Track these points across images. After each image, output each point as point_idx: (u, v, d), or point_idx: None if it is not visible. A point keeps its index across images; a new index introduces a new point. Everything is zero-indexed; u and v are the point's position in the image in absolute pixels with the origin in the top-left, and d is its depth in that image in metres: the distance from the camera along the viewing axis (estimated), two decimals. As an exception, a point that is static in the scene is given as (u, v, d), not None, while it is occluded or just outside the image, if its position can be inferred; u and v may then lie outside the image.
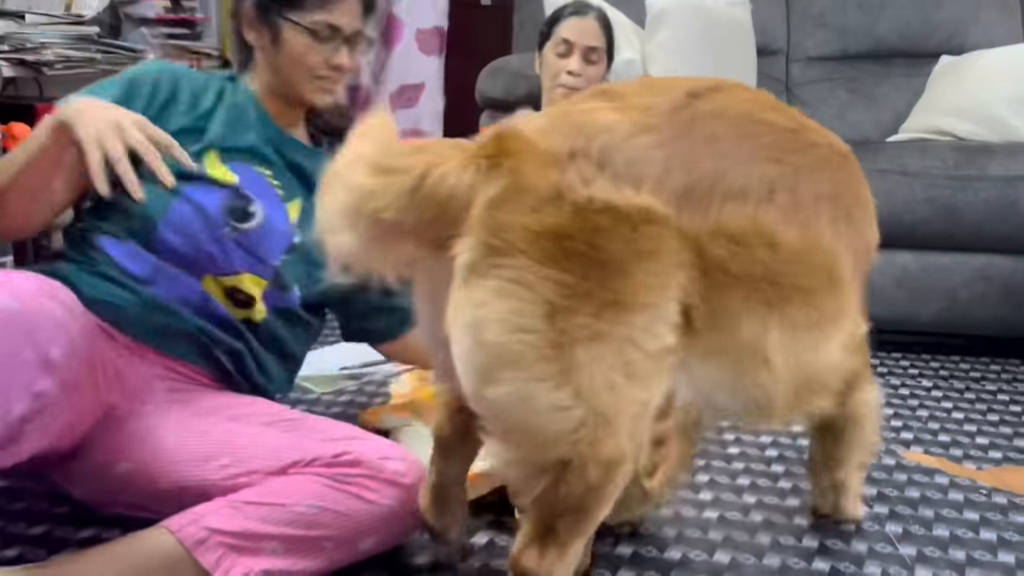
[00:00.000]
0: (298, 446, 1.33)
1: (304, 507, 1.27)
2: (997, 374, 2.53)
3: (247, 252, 1.49)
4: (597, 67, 2.12)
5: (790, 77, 3.24)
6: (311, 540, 1.26)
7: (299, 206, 1.59)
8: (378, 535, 1.31)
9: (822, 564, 1.48)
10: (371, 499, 1.30)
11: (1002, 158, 2.52)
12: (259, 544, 1.24)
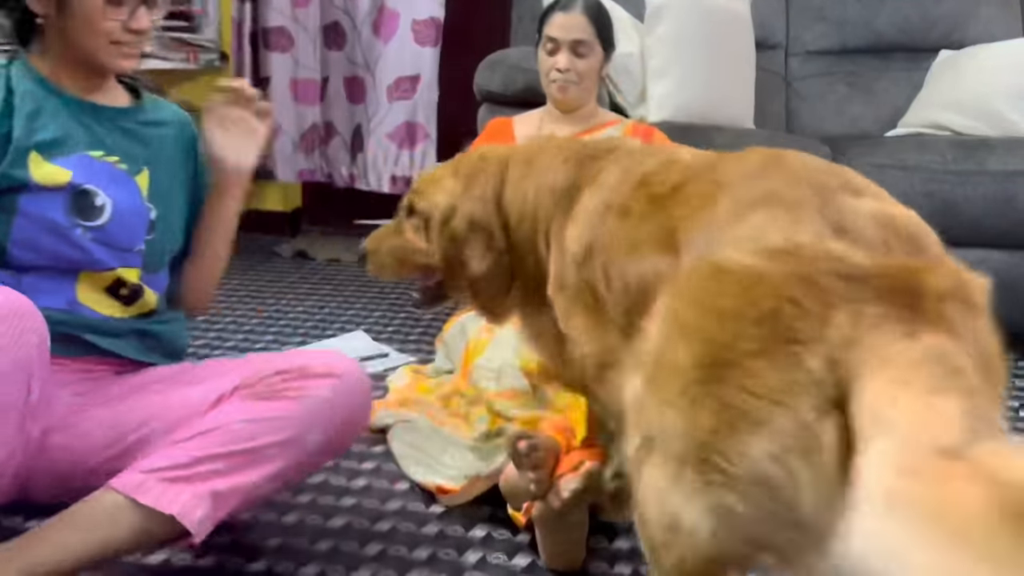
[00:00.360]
0: (217, 386, 1.34)
1: (237, 424, 1.27)
2: (994, 369, 2.52)
3: (109, 247, 1.40)
4: (588, 60, 2.09)
5: (789, 71, 3.22)
6: (252, 451, 1.27)
7: (147, 175, 1.48)
8: (321, 429, 1.30)
9: (820, 558, 1.48)
10: (301, 395, 1.30)
11: (1001, 153, 2.52)
12: (198, 469, 1.25)
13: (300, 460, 1.31)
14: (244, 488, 1.27)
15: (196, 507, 1.23)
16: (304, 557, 1.41)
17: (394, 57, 3.38)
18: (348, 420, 1.35)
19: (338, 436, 1.34)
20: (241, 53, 3.60)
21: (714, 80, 2.79)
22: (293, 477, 1.35)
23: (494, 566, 1.41)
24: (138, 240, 1.44)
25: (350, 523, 1.52)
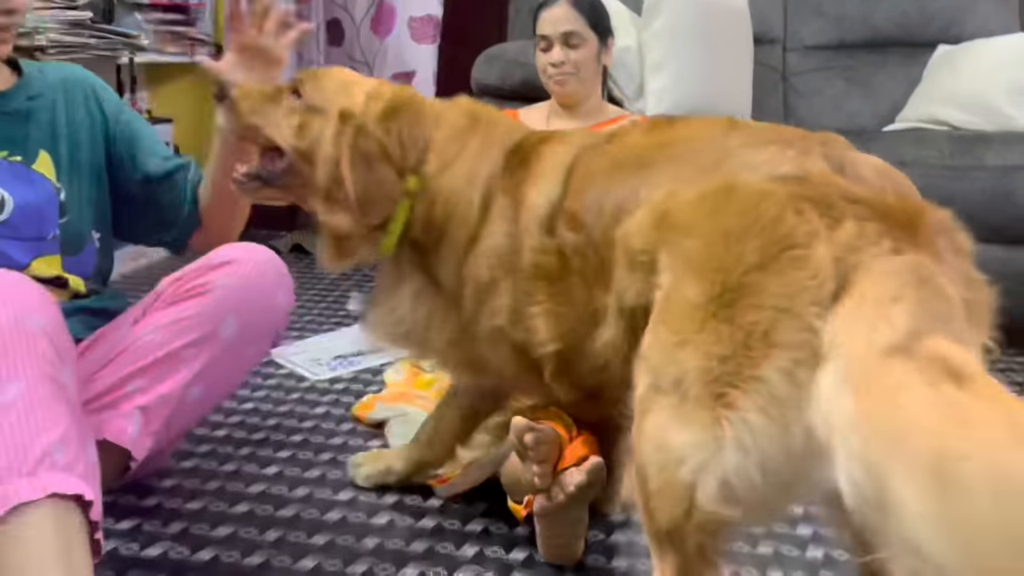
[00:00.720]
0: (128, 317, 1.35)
1: (145, 338, 1.27)
2: (991, 363, 2.52)
3: (20, 240, 1.35)
4: (581, 50, 2.08)
5: (787, 66, 3.22)
6: (167, 357, 1.26)
7: (47, 158, 1.43)
8: (233, 316, 1.29)
9: (816, 552, 1.48)
10: (201, 290, 1.29)
11: (998, 147, 2.52)
12: (119, 393, 1.25)
13: (221, 354, 1.30)
14: (171, 395, 1.27)
15: (125, 427, 1.23)
16: (301, 551, 1.41)
17: (392, 53, 3.40)
18: (261, 302, 1.33)
19: (255, 320, 1.33)
20: None
21: (712, 75, 2.79)
22: (220, 373, 1.32)
23: (491, 560, 1.41)
24: (51, 227, 1.40)
25: (345, 517, 1.52)
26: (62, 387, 1.06)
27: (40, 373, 1.03)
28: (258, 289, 1.33)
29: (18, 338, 1.03)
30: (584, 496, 1.32)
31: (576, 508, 1.35)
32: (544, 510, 1.34)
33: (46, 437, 1.01)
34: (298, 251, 3.48)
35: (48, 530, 0.98)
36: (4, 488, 0.97)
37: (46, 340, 1.04)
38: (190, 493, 1.57)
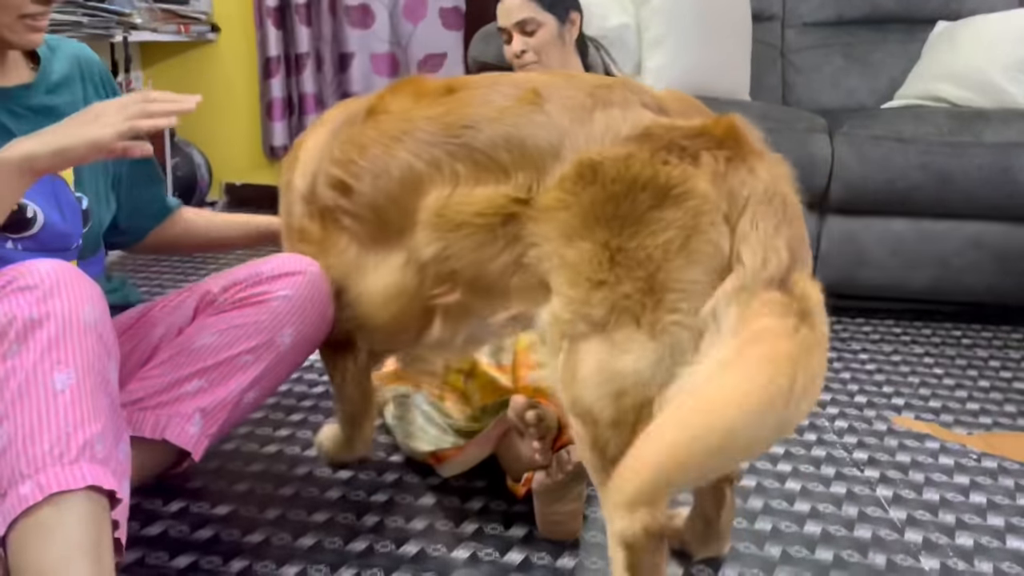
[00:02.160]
0: (177, 319, 1.36)
1: (207, 339, 1.29)
2: (988, 341, 2.54)
3: (44, 252, 1.33)
4: (539, 34, 2.06)
5: (785, 43, 3.20)
6: (227, 361, 1.29)
7: None
8: (288, 325, 1.32)
9: (813, 527, 1.49)
10: (260, 299, 1.32)
11: (997, 125, 2.51)
12: (178, 392, 1.26)
13: (276, 361, 1.33)
14: (228, 399, 1.29)
15: (186, 425, 1.24)
16: (301, 528, 1.42)
17: (424, 37, 3.80)
18: (315, 314, 1.36)
19: (309, 331, 1.36)
20: (264, 28, 3.62)
21: (710, 52, 2.78)
22: (273, 379, 1.36)
23: (491, 536, 1.42)
24: (75, 239, 1.38)
25: (345, 496, 1.53)
26: (107, 381, 1.06)
27: (89, 365, 1.03)
28: (314, 303, 1.36)
29: (72, 329, 1.03)
30: (582, 473, 1.33)
31: (574, 485, 1.36)
32: (542, 487, 1.35)
33: (89, 429, 1.01)
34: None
35: (83, 522, 0.97)
36: (44, 474, 0.97)
37: (96, 334, 1.05)
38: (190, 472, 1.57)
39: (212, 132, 3.77)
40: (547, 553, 1.38)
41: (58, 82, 1.39)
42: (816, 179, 2.52)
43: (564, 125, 1.13)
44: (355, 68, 3.76)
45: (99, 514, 1.00)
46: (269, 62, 3.62)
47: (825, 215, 2.60)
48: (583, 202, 1.08)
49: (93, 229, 1.42)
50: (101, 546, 0.99)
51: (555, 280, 1.11)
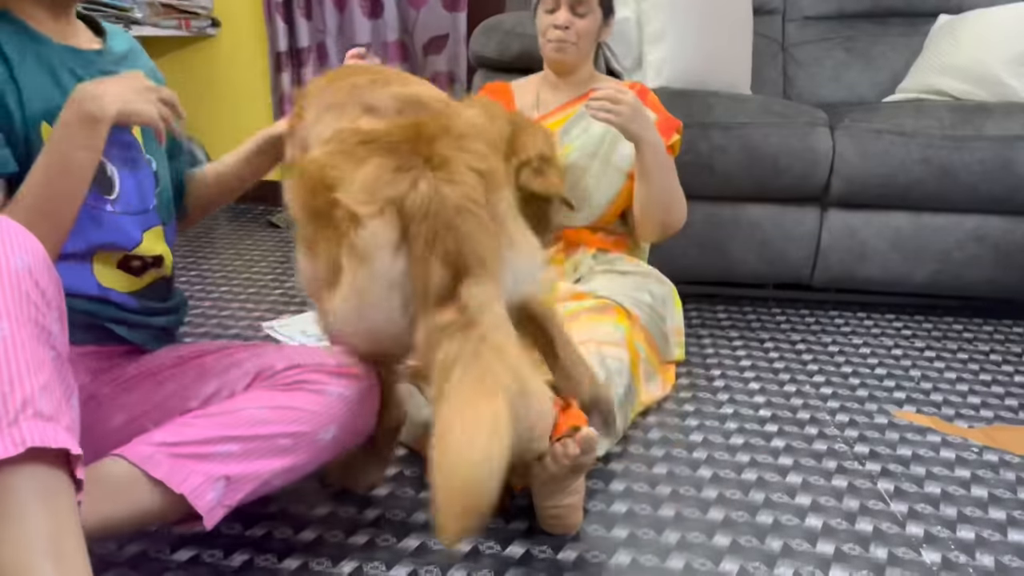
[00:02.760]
0: (233, 379, 1.32)
1: (253, 409, 1.25)
2: (989, 335, 2.54)
3: (131, 215, 1.34)
4: (587, 20, 2.05)
5: (786, 36, 3.20)
6: (266, 439, 1.23)
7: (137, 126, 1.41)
8: (335, 424, 1.29)
9: (814, 521, 1.49)
10: (318, 389, 1.29)
11: (998, 118, 2.51)
12: (211, 450, 1.20)
13: (312, 455, 1.28)
14: (258, 476, 1.23)
15: (208, 488, 1.18)
16: (302, 522, 1.42)
17: (426, 21, 3.92)
18: (360, 421, 1.33)
19: (349, 436, 1.33)
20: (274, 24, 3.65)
21: (711, 45, 2.77)
22: (302, 471, 1.30)
23: (491, 530, 1.42)
24: (151, 197, 1.39)
25: (346, 489, 1.53)
26: (49, 333, 0.98)
27: (23, 314, 0.94)
28: (362, 409, 1.33)
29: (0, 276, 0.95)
30: (578, 468, 1.33)
31: (572, 478, 1.36)
32: (540, 480, 1.35)
33: (29, 384, 0.91)
34: (296, 226, 3.47)
35: (35, 499, 0.86)
36: None
37: (31, 281, 0.96)
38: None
39: (213, 127, 3.77)
40: (548, 546, 1.38)
41: (121, 57, 1.42)
42: (817, 173, 2.51)
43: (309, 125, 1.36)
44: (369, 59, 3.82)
45: (52, 484, 0.88)
46: (280, 57, 3.63)
47: (826, 209, 2.59)
48: (298, 198, 1.28)
49: (164, 191, 1.43)
50: (61, 530, 0.87)
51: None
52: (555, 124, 2.12)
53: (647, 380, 1.90)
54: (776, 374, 2.17)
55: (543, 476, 1.34)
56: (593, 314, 1.77)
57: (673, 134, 2.10)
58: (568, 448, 1.31)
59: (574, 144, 2.10)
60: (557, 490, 1.37)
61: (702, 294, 2.80)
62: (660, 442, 1.77)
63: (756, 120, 2.50)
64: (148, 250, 1.38)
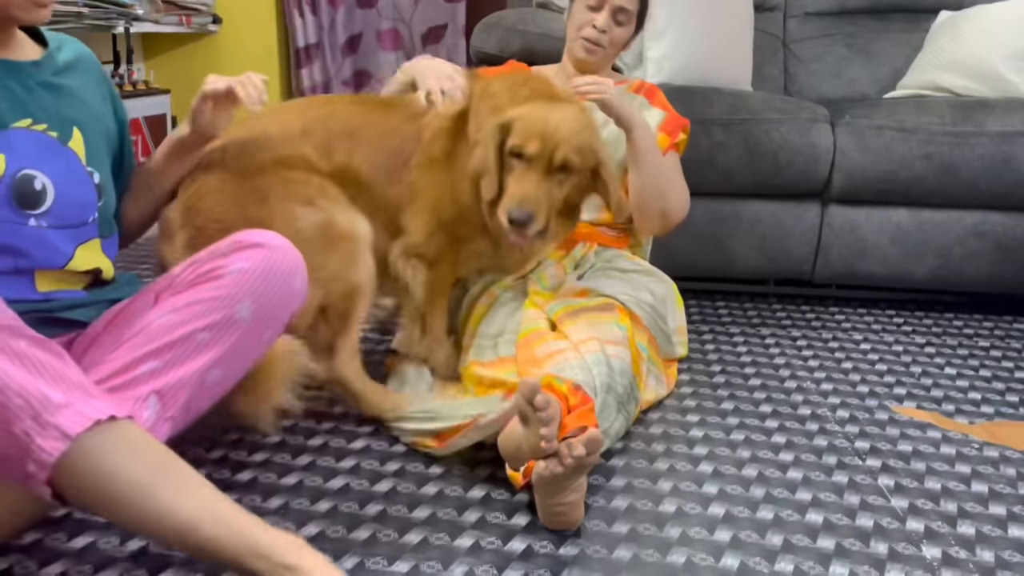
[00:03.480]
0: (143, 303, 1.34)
1: (159, 321, 1.25)
2: (990, 331, 2.54)
3: (65, 228, 1.32)
4: (623, 29, 2.07)
5: (787, 33, 3.20)
6: (182, 341, 1.24)
7: (79, 137, 1.38)
8: (247, 298, 1.28)
9: (815, 516, 1.50)
10: (217, 275, 1.28)
11: (999, 114, 2.51)
12: (133, 374, 1.22)
13: (239, 338, 1.28)
14: (187, 380, 1.24)
15: (141, 409, 1.20)
16: (304, 517, 1.42)
17: (425, 11, 4.05)
18: (277, 286, 1.31)
19: (271, 304, 1.31)
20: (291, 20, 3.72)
21: (712, 42, 2.77)
22: (240, 357, 1.30)
23: (493, 525, 1.42)
24: (91, 210, 1.37)
25: (348, 484, 1.54)
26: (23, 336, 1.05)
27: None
28: (275, 275, 1.31)
29: None
30: (582, 467, 1.33)
31: (575, 477, 1.36)
32: (542, 479, 1.35)
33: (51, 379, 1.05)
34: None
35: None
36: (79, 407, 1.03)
37: None
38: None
39: (214, 124, 3.77)
40: (549, 542, 1.38)
41: (64, 67, 1.41)
42: (818, 169, 2.51)
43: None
44: (362, 46, 3.94)
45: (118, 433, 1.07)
46: (299, 53, 3.67)
47: (827, 205, 2.60)
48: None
49: (107, 205, 1.41)
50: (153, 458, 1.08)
51: None
52: None
53: (650, 379, 1.90)
54: (777, 370, 2.18)
55: (547, 475, 1.34)
56: (596, 312, 1.78)
57: (680, 133, 2.10)
58: (574, 449, 1.31)
59: None
60: (559, 489, 1.37)
61: (703, 290, 2.80)
62: (661, 438, 1.77)
63: (757, 116, 2.50)
64: (81, 265, 1.37)
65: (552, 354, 1.64)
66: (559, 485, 1.36)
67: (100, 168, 1.41)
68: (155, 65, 3.69)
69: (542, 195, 1.68)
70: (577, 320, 1.74)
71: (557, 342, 1.68)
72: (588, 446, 1.31)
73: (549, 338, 1.71)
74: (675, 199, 2.02)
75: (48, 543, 1.31)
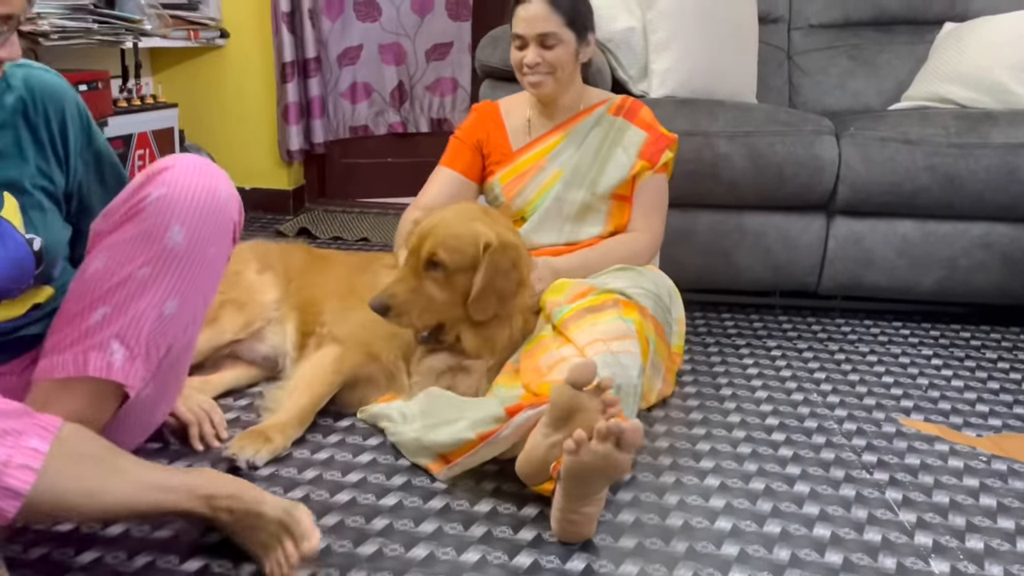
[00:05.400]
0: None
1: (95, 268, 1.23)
2: (997, 342, 2.53)
3: None
4: (556, 50, 2.00)
5: (791, 45, 3.20)
6: (123, 282, 1.22)
7: (13, 202, 1.28)
8: (174, 222, 1.23)
9: (823, 530, 1.49)
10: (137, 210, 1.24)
11: (1004, 126, 2.51)
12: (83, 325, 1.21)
13: (182, 265, 1.24)
14: (143, 317, 1.22)
15: (107, 355, 1.19)
16: (311, 532, 1.42)
17: (431, 28, 4.03)
18: (204, 202, 1.26)
19: (204, 222, 1.26)
20: (279, 35, 3.68)
21: (716, 54, 2.78)
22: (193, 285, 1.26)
23: (499, 540, 1.42)
24: (26, 281, 1.30)
25: (354, 498, 1.54)
26: None
27: None
28: (196, 190, 1.25)
29: None
30: (611, 464, 1.34)
31: (597, 480, 1.36)
32: (569, 473, 1.35)
33: None
34: (305, 234, 3.49)
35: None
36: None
37: None
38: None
39: (222, 137, 3.79)
40: (556, 556, 1.38)
41: (12, 108, 1.30)
42: (823, 181, 2.52)
43: None
44: (363, 58, 3.93)
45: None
46: (285, 67, 3.66)
47: (832, 217, 2.60)
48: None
49: (48, 267, 1.34)
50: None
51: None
52: (546, 150, 2.12)
53: (653, 371, 1.89)
54: (783, 382, 2.17)
55: (576, 466, 1.34)
56: (599, 312, 1.77)
57: (665, 152, 2.10)
58: (613, 427, 1.31)
59: (564, 168, 2.10)
60: (582, 494, 1.36)
61: (708, 302, 2.80)
62: (667, 451, 1.77)
63: (762, 128, 2.50)
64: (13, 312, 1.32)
65: (555, 363, 1.65)
66: (584, 487, 1.36)
67: (43, 229, 1.31)
68: (163, 79, 3.71)
69: (404, 289, 1.77)
70: (581, 322, 1.74)
71: (560, 350, 1.68)
72: (633, 433, 1.32)
73: (552, 347, 1.71)
74: (627, 257, 2.05)
75: (55, 557, 1.31)
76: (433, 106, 4.12)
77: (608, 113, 2.13)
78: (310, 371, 1.83)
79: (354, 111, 4.01)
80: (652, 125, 2.13)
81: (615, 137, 2.10)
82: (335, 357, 1.83)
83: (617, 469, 1.35)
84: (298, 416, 1.74)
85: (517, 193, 2.11)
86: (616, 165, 2.08)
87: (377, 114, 4.05)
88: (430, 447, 1.60)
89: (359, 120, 4.04)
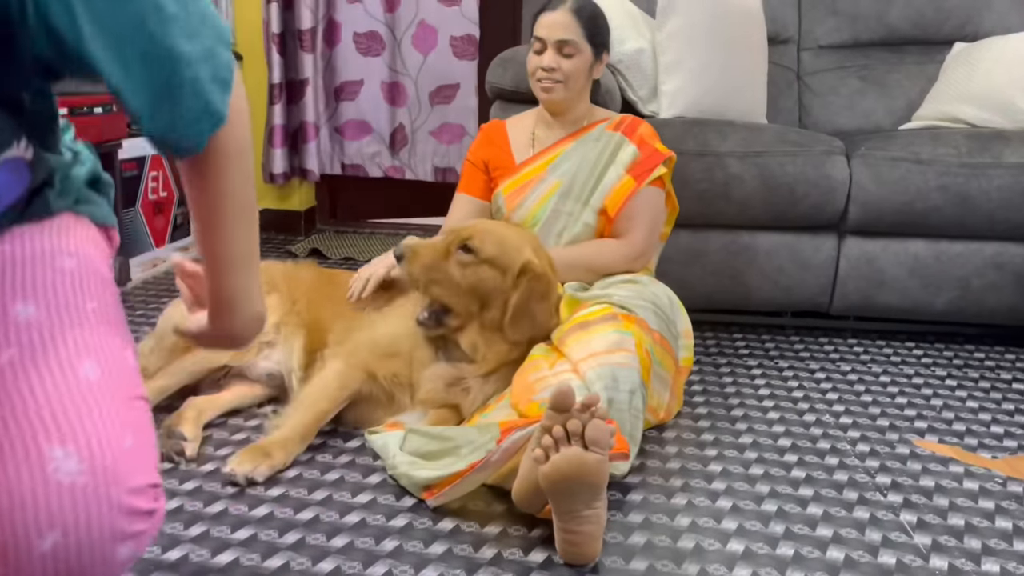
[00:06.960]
0: None
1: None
2: (1011, 363, 2.51)
3: None
4: (574, 60, 2.07)
5: (801, 65, 3.21)
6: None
7: None
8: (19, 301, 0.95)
9: (836, 553, 1.48)
10: None
11: (1016, 145, 2.50)
12: None
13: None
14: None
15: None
16: (320, 553, 1.42)
17: (435, 68, 3.79)
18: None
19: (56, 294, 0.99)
20: (269, 56, 3.68)
21: (726, 75, 2.78)
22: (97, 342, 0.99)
23: (509, 562, 1.41)
24: None
25: (364, 519, 1.53)
26: None
27: None
28: None
29: None
30: (585, 470, 1.34)
31: (581, 490, 1.35)
32: (547, 477, 1.35)
33: None
34: (315, 255, 3.50)
35: None
36: None
37: None
38: (210, 496, 1.58)
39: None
40: (567, 578, 1.37)
41: None
42: (834, 201, 2.51)
43: None
44: (363, 96, 3.81)
45: None
46: (272, 88, 3.66)
47: (843, 237, 2.59)
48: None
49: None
50: None
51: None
52: (547, 162, 2.14)
53: (655, 381, 1.87)
54: (795, 403, 2.16)
55: (551, 476, 1.34)
56: (594, 325, 1.77)
57: (650, 173, 2.10)
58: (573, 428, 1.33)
59: (561, 180, 2.11)
60: (569, 508, 1.36)
61: (719, 322, 2.79)
62: (679, 472, 1.76)
63: (772, 149, 2.50)
64: None
65: (541, 379, 1.66)
66: (570, 500, 1.35)
67: None
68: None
69: (428, 252, 1.82)
70: (576, 336, 1.74)
71: (555, 367, 1.69)
72: (595, 430, 1.33)
73: (543, 365, 1.72)
74: (604, 265, 2.06)
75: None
76: (437, 153, 3.86)
77: (608, 129, 2.15)
78: (313, 388, 1.84)
79: (348, 148, 3.85)
80: (647, 142, 2.13)
81: (611, 152, 2.12)
82: (338, 374, 1.84)
83: (593, 473, 1.34)
84: (300, 432, 1.75)
85: (519, 204, 2.13)
86: (608, 180, 2.10)
87: (373, 155, 3.86)
88: (419, 483, 1.59)
89: (351, 158, 3.87)
